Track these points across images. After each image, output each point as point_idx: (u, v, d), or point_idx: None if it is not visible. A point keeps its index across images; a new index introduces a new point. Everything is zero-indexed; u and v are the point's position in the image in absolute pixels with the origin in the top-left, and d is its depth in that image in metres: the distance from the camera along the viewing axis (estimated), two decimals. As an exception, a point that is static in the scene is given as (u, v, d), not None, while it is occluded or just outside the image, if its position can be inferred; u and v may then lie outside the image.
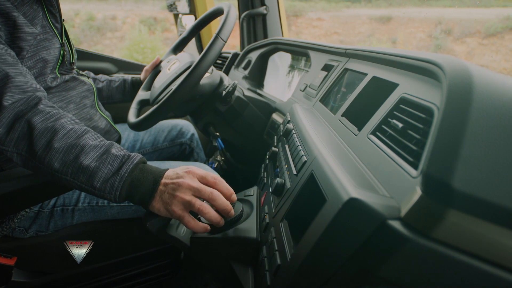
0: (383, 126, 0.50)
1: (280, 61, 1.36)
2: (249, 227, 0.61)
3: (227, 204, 0.60)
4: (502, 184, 0.31)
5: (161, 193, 0.59)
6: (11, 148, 0.60)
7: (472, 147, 0.32)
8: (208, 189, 0.59)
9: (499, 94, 0.36)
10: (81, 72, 1.02)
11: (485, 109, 0.35)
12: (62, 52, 0.84)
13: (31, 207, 0.81)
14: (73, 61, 0.92)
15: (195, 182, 0.59)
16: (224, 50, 1.74)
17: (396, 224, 0.33)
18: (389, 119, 0.49)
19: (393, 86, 0.55)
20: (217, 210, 0.60)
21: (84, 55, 1.59)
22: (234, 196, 0.63)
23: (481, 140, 0.33)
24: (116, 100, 1.20)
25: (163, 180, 0.60)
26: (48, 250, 0.86)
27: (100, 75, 1.21)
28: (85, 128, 0.64)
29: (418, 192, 0.33)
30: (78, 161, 0.59)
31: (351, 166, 0.46)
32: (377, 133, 0.50)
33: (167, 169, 0.62)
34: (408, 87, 0.51)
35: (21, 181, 0.70)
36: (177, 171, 0.61)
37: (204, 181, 0.61)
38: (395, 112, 0.49)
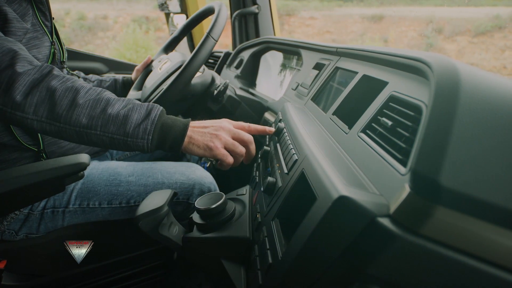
0: (373, 124, 0.50)
1: (272, 60, 1.36)
2: (241, 226, 0.60)
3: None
4: (488, 180, 0.31)
5: (199, 134, 0.65)
6: (31, 115, 0.60)
7: (459, 144, 0.33)
8: (246, 134, 0.70)
9: (486, 91, 0.37)
10: (71, 72, 1.01)
11: (472, 107, 0.35)
12: (52, 50, 0.83)
13: (21, 209, 0.80)
14: (64, 60, 0.91)
15: (233, 127, 0.69)
16: (216, 49, 1.73)
17: (385, 221, 0.33)
18: (379, 117, 0.50)
19: (383, 84, 0.55)
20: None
21: (74, 55, 1.57)
22: (269, 129, 0.76)
23: (468, 137, 0.33)
24: (107, 100, 1.19)
25: (194, 125, 0.66)
26: (38, 252, 0.85)
27: (90, 75, 1.19)
28: (102, 88, 0.66)
29: (406, 189, 0.33)
30: (107, 113, 0.60)
31: (341, 164, 0.46)
32: (367, 131, 0.50)
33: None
34: (398, 85, 0.51)
35: (9, 183, 0.69)
36: (211, 120, 0.70)
37: (239, 126, 0.71)
38: (384, 110, 0.49)
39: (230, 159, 0.66)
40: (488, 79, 0.39)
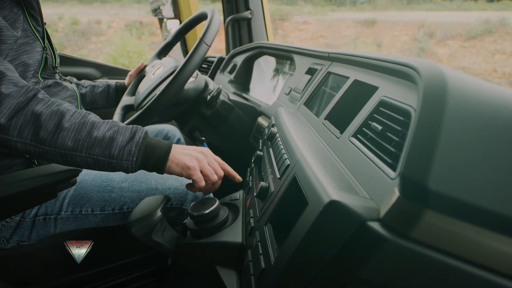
0: (363, 128, 0.51)
1: (265, 65, 1.37)
2: (235, 231, 0.61)
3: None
4: (475, 184, 0.32)
5: (180, 155, 0.67)
6: (15, 137, 0.60)
7: (446, 148, 0.33)
8: (220, 169, 0.71)
9: (473, 96, 0.37)
10: (64, 77, 1.01)
11: (459, 112, 0.36)
12: (44, 55, 0.83)
13: (12, 216, 0.79)
14: (56, 65, 0.91)
15: (213, 156, 0.72)
16: (209, 54, 1.74)
17: (375, 225, 0.33)
18: (369, 121, 0.50)
19: (373, 89, 0.56)
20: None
21: (67, 60, 1.57)
22: (239, 178, 0.75)
23: (455, 142, 0.34)
24: (99, 105, 1.19)
25: (177, 148, 0.68)
26: (30, 260, 0.84)
27: (83, 81, 1.19)
28: (87, 111, 0.66)
29: (396, 194, 0.34)
30: (92, 136, 0.62)
31: (332, 168, 0.47)
32: (358, 135, 0.51)
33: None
34: (388, 90, 0.52)
35: (0, 191, 0.68)
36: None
37: (216, 160, 0.73)
38: (375, 115, 0.50)
39: (202, 184, 0.68)
40: (474, 84, 0.40)
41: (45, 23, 0.86)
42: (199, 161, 0.68)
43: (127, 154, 0.62)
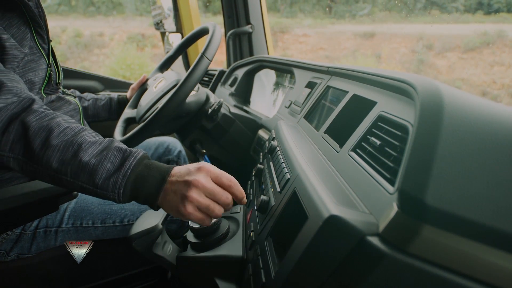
0: (362, 143, 0.51)
1: (265, 78, 1.38)
2: (235, 245, 0.61)
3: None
4: (472, 199, 0.32)
5: (171, 192, 0.55)
6: (7, 153, 0.56)
7: (443, 163, 0.34)
8: (224, 194, 0.57)
9: (468, 112, 0.38)
10: (66, 91, 1.02)
11: (455, 127, 0.36)
12: (48, 72, 0.84)
13: (13, 229, 0.79)
14: (59, 81, 0.92)
15: (209, 183, 0.56)
16: (210, 67, 1.76)
17: (374, 240, 0.34)
18: (368, 136, 0.51)
19: (372, 104, 0.57)
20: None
21: (70, 74, 1.59)
22: (245, 200, 0.61)
23: (452, 157, 0.34)
24: (102, 118, 1.20)
25: (171, 178, 0.56)
26: (30, 273, 0.84)
27: (86, 94, 1.20)
28: (82, 127, 0.60)
29: (394, 208, 0.34)
30: (77, 159, 0.55)
31: (332, 183, 0.47)
32: (357, 150, 0.52)
33: (174, 165, 0.59)
34: (386, 105, 0.53)
35: (2, 203, 0.69)
36: (188, 167, 0.58)
37: (218, 181, 0.57)
38: (373, 130, 0.51)
39: (207, 223, 0.57)
40: (469, 100, 0.41)
41: (51, 40, 0.88)
42: (191, 201, 0.55)
43: (112, 185, 0.55)
